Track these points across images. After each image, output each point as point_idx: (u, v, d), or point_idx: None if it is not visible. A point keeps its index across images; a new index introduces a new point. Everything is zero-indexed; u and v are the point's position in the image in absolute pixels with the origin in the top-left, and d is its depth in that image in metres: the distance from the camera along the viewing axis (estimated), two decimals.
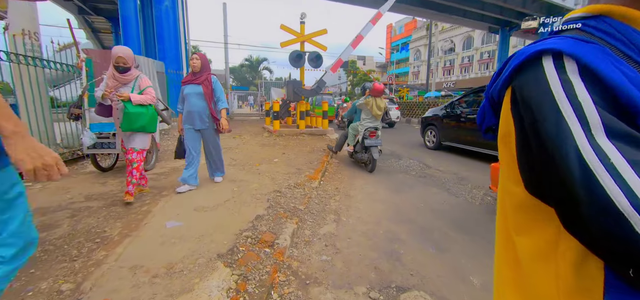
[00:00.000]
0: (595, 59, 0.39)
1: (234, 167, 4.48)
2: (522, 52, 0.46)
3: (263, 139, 7.40)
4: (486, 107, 0.59)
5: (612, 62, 0.39)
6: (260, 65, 48.70)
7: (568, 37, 0.44)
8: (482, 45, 42.69)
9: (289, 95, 7.96)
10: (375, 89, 5.10)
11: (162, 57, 11.14)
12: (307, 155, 5.54)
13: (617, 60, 0.40)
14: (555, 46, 0.42)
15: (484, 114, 0.60)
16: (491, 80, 0.56)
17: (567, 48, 0.41)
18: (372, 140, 5.01)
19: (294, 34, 8.26)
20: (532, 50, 0.44)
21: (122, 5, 10.84)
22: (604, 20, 0.45)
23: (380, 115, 5.13)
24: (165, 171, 4.13)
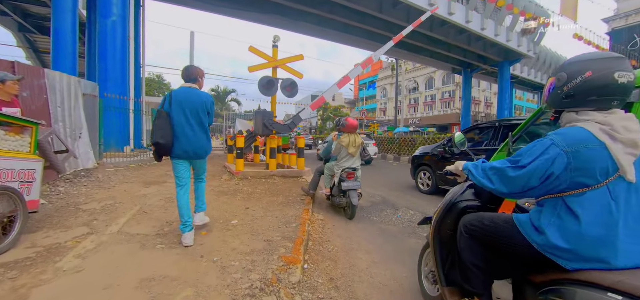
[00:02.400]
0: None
1: (164, 237, 2.83)
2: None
3: (221, 183, 5.74)
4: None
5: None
6: (228, 96, 46.88)
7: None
8: (443, 85, 45.55)
9: (258, 128, 6.52)
10: (348, 124, 4.37)
11: (103, 79, 9.22)
12: (280, 211, 4.03)
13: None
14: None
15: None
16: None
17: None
18: (350, 182, 4.18)
19: (265, 57, 7.02)
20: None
21: (55, 16, 8.95)
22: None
23: (357, 153, 4.32)
24: (28, 259, 2.35)
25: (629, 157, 1.07)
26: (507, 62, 23.46)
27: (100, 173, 5.75)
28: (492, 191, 1.29)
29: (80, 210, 3.59)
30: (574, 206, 1.09)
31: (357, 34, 18.24)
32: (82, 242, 2.64)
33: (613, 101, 1.12)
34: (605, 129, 1.09)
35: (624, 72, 1.07)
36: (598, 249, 1.06)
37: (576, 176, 1.08)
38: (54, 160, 3.06)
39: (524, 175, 1.15)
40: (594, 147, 1.07)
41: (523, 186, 1.16)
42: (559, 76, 1.21)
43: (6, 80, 2.98)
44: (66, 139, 5.26)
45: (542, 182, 1.12)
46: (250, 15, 15.85)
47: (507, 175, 1.20)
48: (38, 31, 17.77)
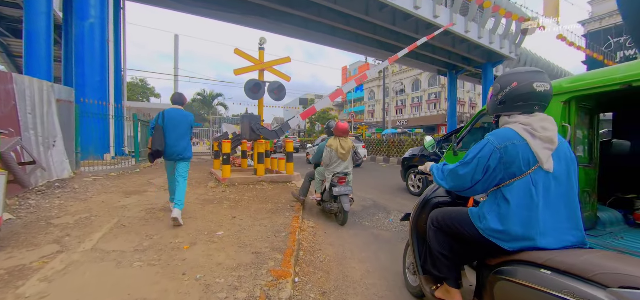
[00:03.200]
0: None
1: (143, 253, 2.62)
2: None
3: (207, 190, 5.51)
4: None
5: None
6: (215, 100, 46.08)
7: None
8: (429, 87, 46.34)
9: (245, 132, 6.32)
10: (338, 128, 4.27)
11: (81, 83, 8.78)
12: (269, 219, 3.86)
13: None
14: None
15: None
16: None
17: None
18: (341, 187, 4.08)
19: (251, 60, 6.84)
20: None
21: (28, 18, 8.48)
22: None
23: (347, 156, 4.21)
24: None
25: (546, 151, 1.29)
26: (490, 63, 24.06)
27: (77, 183, 5.41)
28: (449, 189, 1.53)
29: (52, 226, 3.32)
30: (506, 194, 1.31)
31: (343, 36, 18.25)
32: (50, 262, 2.40)
33: (535, 106, 1.35)
34: (527, 128, 1.32)
35: (541, 82, 1.33)
36: (525, 229, 1.27)
37: (508, 168, 1.30)
38: (18, 173, 2.80)
39: (470, 171, 1.38)
40: (518, 144, 1.30)
41: (471, 180, 1.38)
42: (494, 86, 1.47)
43: None
44: (38, 148, 4.92)
45: (484, 174, 1.34)
46: (231, 17, 15.57)
47: (458, 173, 1.44)
48: (12, 34, 16.91)
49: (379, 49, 20.18)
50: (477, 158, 1.36)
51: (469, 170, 1.38)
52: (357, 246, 3.49)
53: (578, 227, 1.30)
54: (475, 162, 1.36)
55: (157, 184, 5.93)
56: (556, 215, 1.28)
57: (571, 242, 1.27)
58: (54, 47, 9.18)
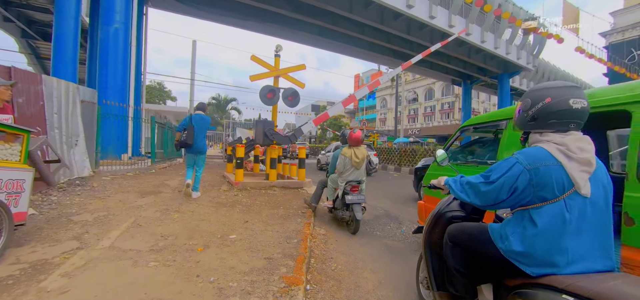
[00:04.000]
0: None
1: (159, 253, 2.67)
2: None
3: (220, 193, 5.58)
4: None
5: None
6: (229, 104, 46.93)
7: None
8: (442, 96, 45.77)
9: (258, 138, 6.40)
10: (351, 138, 4.23)
11: (104, 86, 9.14)
12: (281, 225, 3.87)
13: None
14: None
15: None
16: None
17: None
18: (354, 195, 4.04)
19: (267, 66, 6.96)
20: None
21: (57, 22, 8.93)
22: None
23: (361, 165, 4.17)
24: (10, 277, 2.19)
25: (584, 174, 1.19)
26: (506, 74, 23.58)
27: (96, 182, 5.59)
28: (470, 203, 1.45)
29: (72, 222, 3.43)
30: (535, 217, 1.22)
31: (358, 45, 18.34)
32: (71, 259, 2.48)
33: (570, 124, 1.26)
34: (561, 148, 1.23)
35: (578, 99, 1.23)
36: (552, 255, 1.19)
37: (538, 191, 1.21)
38: (44, 171, 2.92)
39: (494, 190, 1.29)
40: (551, 166, 1.21)
41: (494, 199, 1.31)
42: (524, 101, 1.38)
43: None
44: (61, 147, 5.13)
45: (509, 195, 1.26)
46: (251, 25, 15.94)
47: (480, 190, 1.35)
48: (41, 38, 17.85)
49: (393, 58, 20.14)
50: (504, 178, 1.27)
51: (492, 189, 1.30)
52: (369, 256, 3.45)
53: (609, 256, 1.22)
54: (500, 182, 1.28)
55: (171, 186, 6.06)
56: (589, 242, 1.20)
57: (599, 271, 1.20)
58: (80, 51, 9.64)
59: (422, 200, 4.00)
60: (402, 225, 4.89)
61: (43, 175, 2.93)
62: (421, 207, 3.92)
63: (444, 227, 1.79)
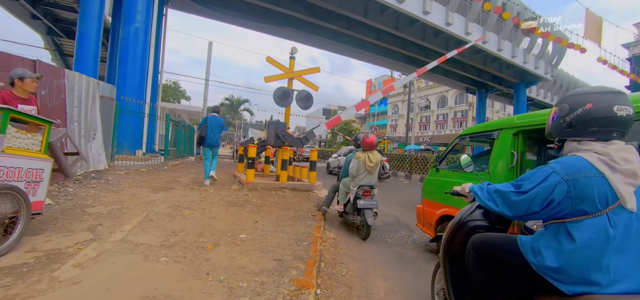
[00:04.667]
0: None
1: (170, 249, 2.66)
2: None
3: (231, 193, 5.59)
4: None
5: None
6: (241, 106, 47.55)
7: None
8: (455, 104, 45.03)
9: (270, 139, 6.40)
10: (364, 142, 4.15)
11: (122, 83, 9.38)
12: (291, 226, 3.82)
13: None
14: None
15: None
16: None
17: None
18: (366, 200, 4.04)
19: (281, 68, 6.98)
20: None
21: (82, 20, 9.24)
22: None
23: (374, 170, 4.08)
24: (25, 264, 2.22)
25: (629, 187, 1.10)
26: (523, 84, 23.00)
27: (111, 175, 5.70)
28: (498, 213, 1.35)
29: (87, 214, 3.48)
30: (573, 231, 1.13)
31: (372, 50, 18.27)
32: (84, 250, 2.50)
33: (613, 133, 1.17)
34: (604, 159, 1.13)
35: (623, 106, 1.14)
36: (592, 273, 1.09)
37: (577, 203, 1.12)
38: (63, 163, 2.98)
39: (526, 201, 1.21)
40: (592, 177, 1.12)
41: (526, 210, 1.22)
42: (561, 107, 1.28)
43: (25, 78, 2.95)
44: (80, 140, 5.26)
45: (543, 207, 1.17)
46: (266, 27, 16.13)
47: (510, 199, 1.27)
48: (66, 35, 18.55)
49: (407, 64, 19.96)
50: (538, 189, 1.17)
51: (524, 199, 1.22)
52: (380, 263, 3.36)
53: None
54: (533, 193, 1.19)
55: (183, 183, 6.12)
56: (634, 261, 1.10)
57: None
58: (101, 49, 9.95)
59: (421, 204, 4.08)
60: (414, 233, 4.77)
61: (61, 166, 2.98)
62: (420, 210, 4.01)
63: (466, 237, 1.71)
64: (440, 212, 3.74)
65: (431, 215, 3.85)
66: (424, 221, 4.08)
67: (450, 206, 3.62)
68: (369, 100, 7.39)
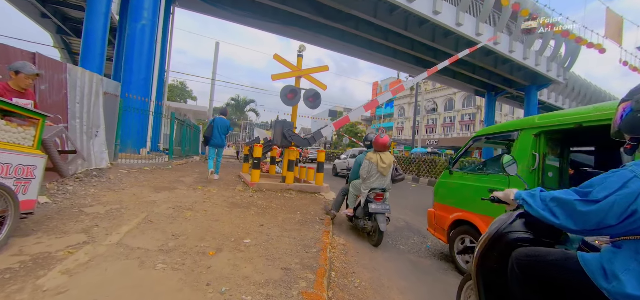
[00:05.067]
0: None
1: (168, 254, 2.45)
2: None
3: (235, 194, 5.38)
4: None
5: None
6: (247, 106, 47.60)
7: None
8: (463, 107, 44.43)
9: (276, 139, 6.20)
10: (377, 142, 3.96)
11: (127, 81, 9.30)
12: (298, 231, 3.59)
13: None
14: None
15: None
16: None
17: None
18: (378, 204, 3.76)
19: (289, 66, 6.78)
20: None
21: (88, 17, 9.18)
22: None
23: (387, 172, 3.82)
24: (9, 270, 2.03)
25: None
26: (534, 86, 22.48)
27: (113, 174, 5.54)
28: (555, 226, 1.15)
29: (83, 214, 3.30)
30: None
31: (380, 51, 18.01)
32: (75, 254, 2.30)
33: None
34: None
35: None
36: None
37: None
38: (58, 161, 2.80)
39: (599, 211, 1.00)
40: None
41: (598, 223, 1.02)
42: (637, 98, 1.12)
43: (20, 72, 2.80)
44: (81, 137, 5.11)
45: (621, 220, 0.97)
46: (274, 26, 15.99)
47: (575, 210, 1.07)
48: (74, 34, 18.68)
49: (415, 65, 19.64)
50: (615, 197, 0.98)
51: (596, 210, 1.01)
52: (394, 273, 3.11)
53: None
54: (609, 201, 0.99)
55: (186, 182, 5.94)
56: None
57: None
58: (108, 47, 9.90)
59: (432, 207, 3.89)
60: (427, 240, 4.50)
61: (56, 165, 2.80)
62: (431, 214, 3.83)
63: (505, 251, 1.49)
64: (453, 216, 3.50)
65: (444, 219, 3.62)
66: (436, 226, 3.84)
67: (464, 210, 3.38)
68: (378, 100, 7.14)
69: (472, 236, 3.20)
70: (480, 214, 3.11)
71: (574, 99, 29.65)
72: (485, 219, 3.02)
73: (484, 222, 3.02)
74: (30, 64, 2.91)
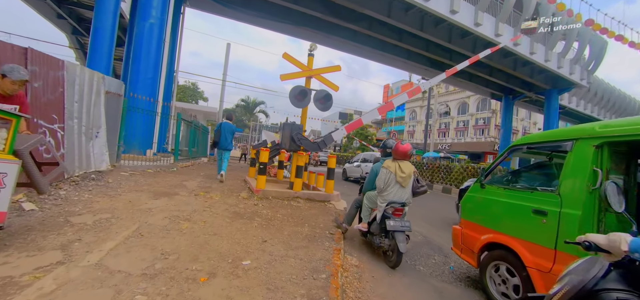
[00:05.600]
0: None
1: (151, 281, 2.07)
2: None
3: (239, 201, 5.01)
4: None
5: None
6: (257, 107, 47.65)
7: None
8: (477, 111, 43.17)
9: (284, 142, 5.81)
10: (398, 150, 3.50)
11: (134, 80, 9.12)
12: (306, 249, 3.17)
13: None
14: None
15: None
16: None
17: None
18: (397, 221, 3.32)
19: (299, 65, 6.39)
20: None
21: (97, 15, 9.06)
22: None
23: (407, 183, 3.36)
24: None
25: None
26: (555, 90, 21.42)
27: (112, 177, 5.27)
28: None
29: (68, 225, 2.98)
30: None
31: (393, 52, 17.47)
32: (42, 279, 1.95)
33: None
34: None
35: None
36: None
37: None
38: (34, 175, 2.46)
39: None
40: None
41: None
42: None
43: (6, 77, 2.50)
44: (80, 138, 4.85)
45: None
46: (285, 27, 15.69)
47: None
48: (89, 35, 18.91)
49: (429, 67, 18.99)
50: None
51: None
52: None
53: None
54: None
55: (189, 188, 5.61)
56: None
57: None
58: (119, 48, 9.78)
59: (459, 225, 3.40)
60: (449, 260, 4.01)
61: (33, 179, 2.47)
62: (457, 233, 3.38)
63: None
64: (485, 238, 3.00)
65: (473, 240, 3.13)
66: (462, 247, 3.35)
67: (499, 232, 2.88)
68: (393, 102, 6.67)
69: (510, 264, 2.71)
70: (522, 239, 2.61)
71: (596, 103, 28.30)
72: (530, 247, 2.52)
73: (528, 250, 2.53)
74: (20, 69, 2.61)
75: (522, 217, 2.66)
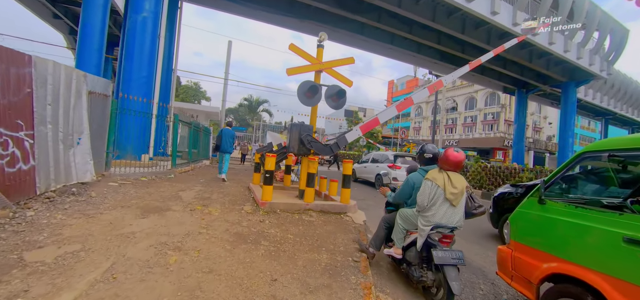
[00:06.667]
0: None
1: None
2: None
3: (241, 218, 4.28)
4: None
5: None
6: (260, 106, 46.93)
7: None
8: (485, 106, 42.07)
9: (292, 145, 5.08)
10: (448, 159, 2.65)
11: (127, 79, 8.43)
12: (327, 291, 2.43)
13: None
14: None
15: None
16: None
17: None
18: (446, 252, 2.52)
19: (308, 58, 5.63)
20: None
21: (85, 9, 8.38)
22: None
23: (459, 201, 2.64)
24: None
25: None
26: (573, 83, 20.36)
27: (97, 189, 4.58)
28: None
29: (19, 267, 2.28)
30: None
31: (403, 45, 16.61)
32: None
33: None
34: None
35: None
36: None
37: None
38: None
39: None
40: None
41: None
42: None
43: None
44: (56, 146, 4.16)
45: None
46: (288, 21, 14.91)
47: None
48: None
49: (440, 60, 18.10)
50: None
51: None
52: None
53: None
54: None
55: (184, 200, 4.91)
56: None
57: None
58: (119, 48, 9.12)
59: (507, 246, 2.68)
60: (498, 289, 3.27)
61: None
62: (506, 256, 2.68)
63: None
64: (548, 268, 2.24)
65: (530, 268, 2.38)
66: (513, 274, 2.59)
67: (569, 262, 2.12)
68: (412, 98, 5.90)
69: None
70: (606, 275, 1.86)
71: (612, 96, 27.13)
72: (620, 286, 1.77)
73: (618, 291, 1.78)
74: None
75: (606, 245, 1.92)
